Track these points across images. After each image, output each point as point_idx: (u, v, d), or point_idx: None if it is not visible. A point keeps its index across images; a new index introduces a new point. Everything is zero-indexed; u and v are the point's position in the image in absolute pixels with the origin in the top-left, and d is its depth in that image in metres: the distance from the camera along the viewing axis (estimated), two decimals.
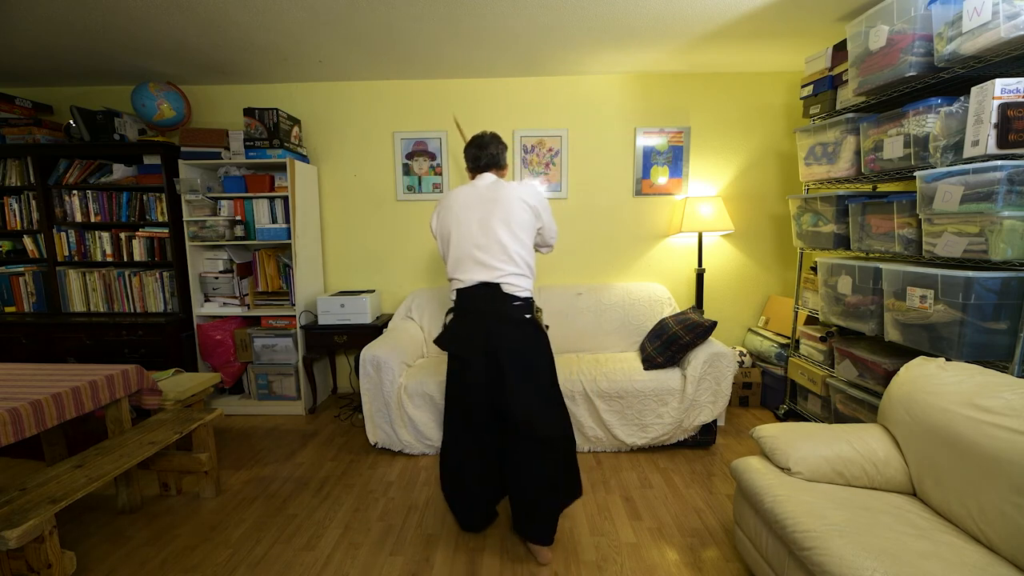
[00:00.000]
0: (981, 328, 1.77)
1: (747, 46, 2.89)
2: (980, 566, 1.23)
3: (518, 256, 1.85)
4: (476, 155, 1.97)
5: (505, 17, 2.46)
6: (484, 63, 3.13)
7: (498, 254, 1.83)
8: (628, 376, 2.65)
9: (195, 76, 3.28)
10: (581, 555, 1.89)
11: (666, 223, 3.53)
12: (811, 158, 2.72)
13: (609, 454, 2.69)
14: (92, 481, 1.67)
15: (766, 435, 1.75)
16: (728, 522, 2.08)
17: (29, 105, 3.31)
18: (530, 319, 1.88)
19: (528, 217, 1.89)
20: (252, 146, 3.11)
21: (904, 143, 2.05)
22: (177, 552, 1.94)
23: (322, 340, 3.26)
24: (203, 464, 2.26)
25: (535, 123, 3.45)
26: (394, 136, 3.48)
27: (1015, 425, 1.31)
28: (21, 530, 1.39)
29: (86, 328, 3.15)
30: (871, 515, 1.42)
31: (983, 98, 1.70)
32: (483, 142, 1.96)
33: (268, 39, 2.70)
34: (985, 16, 1.70)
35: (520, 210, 1.87)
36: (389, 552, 1.93)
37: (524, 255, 1.87)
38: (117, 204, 3.27)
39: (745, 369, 3.26)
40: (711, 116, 3.42)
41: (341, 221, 3.61)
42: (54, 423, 1.81)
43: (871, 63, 2.19)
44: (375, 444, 2.71)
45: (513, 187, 1.90)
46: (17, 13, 2.34)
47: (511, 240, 1.84)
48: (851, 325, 2.38)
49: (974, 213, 1.74)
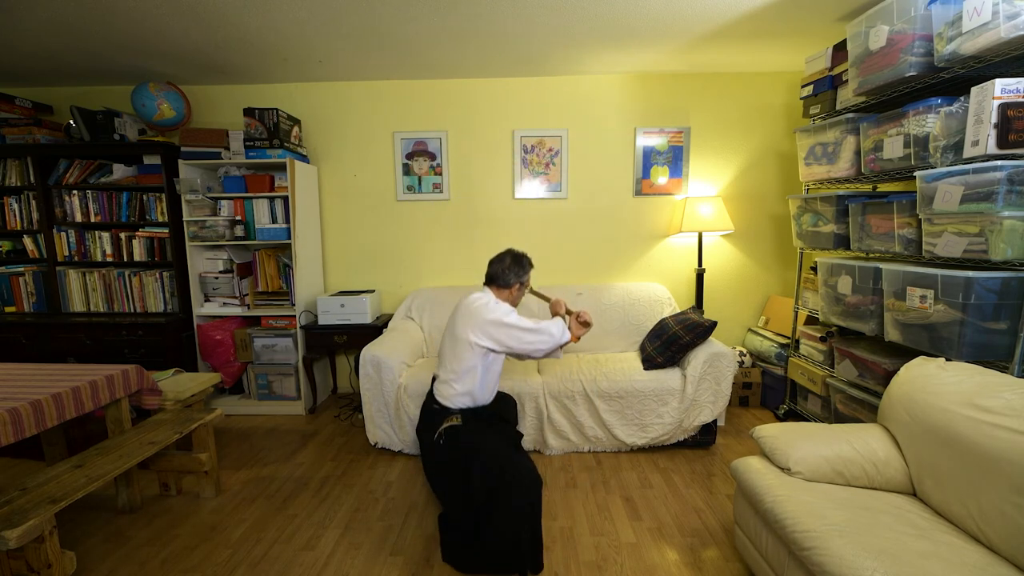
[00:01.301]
0: (981, 328, 1.77)
1: (747, 46, 2.89)
2: (980, 566, 1.23)
3: (452, 367, 2.01)
4: (488, 269, 2.15)
5: (505, 17, 2.46)
6: (484, 63, 3.13)
7: (439, 359, 2.10)
8: (628, 376, 2.65)
9: (195, 76, 3.28)
10: (581, 555, 1.89)
11: (666, 223, 3.53)
12: (811, 158, 2.72)
13: (609, 454, 2.69)
14: (92, 481, 1.66)
15: (766, 435, 1.75)
16: (728, 522, 2.08)
17: (29, 105, 3.31)
18: (436, 424, 1.96)
19: (464, 339, 1.97)
20: (252, 146, 3.11)
21: (904, 143, 2.05)
22: (177, 552, 1.94)
23: (322, 340, 3.26)
24: (203, 464, 2.26)
25: (535, 123, 3.45)
26: (394, 136, 3.48)
27: (1015, 425, 1.31)
28: (21, 530, 1.39)
29: (86, 328, 3.15)
30: (871, 515, 1.42)
31: (983, 98, 1.70)
32: (497, 258, 2.13)
33: (268, 39, 2.69)
34: (985, 16, 1.70)
35: (463, 328, 1.99)
36: (389, 552, 1.93)
37: (454, 365, 2.01)
38: (117, 204, 3.27)
39: (745, 369, 3.26)
40: (711, 116, 3.42)
41: (341, 221, 3.61)
42: (54, 423, 1.81)
43: (871, 63, 2.18)
44: (375, 444, 2.71)
45: (473, 300, 2.04)
46: (17, 13, 2.34)
47: (450, 352, 2.03)
48: (851, 325, 2.38)
49: (974, 213, 1.74)
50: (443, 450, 1.92)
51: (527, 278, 2.18)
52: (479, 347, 1.98)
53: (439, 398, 2.02)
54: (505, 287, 2.11)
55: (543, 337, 2.04)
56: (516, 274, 2.12)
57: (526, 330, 2.01)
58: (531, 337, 2.02)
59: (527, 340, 2.02)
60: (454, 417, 1.96)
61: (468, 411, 2.01)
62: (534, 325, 2.04)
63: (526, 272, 2.16)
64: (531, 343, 2.03)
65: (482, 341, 1.98)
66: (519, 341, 2.01)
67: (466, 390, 2.00)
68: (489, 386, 2.09)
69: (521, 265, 2.14)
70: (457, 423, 1.94)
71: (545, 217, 3.54)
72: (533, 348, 2.04)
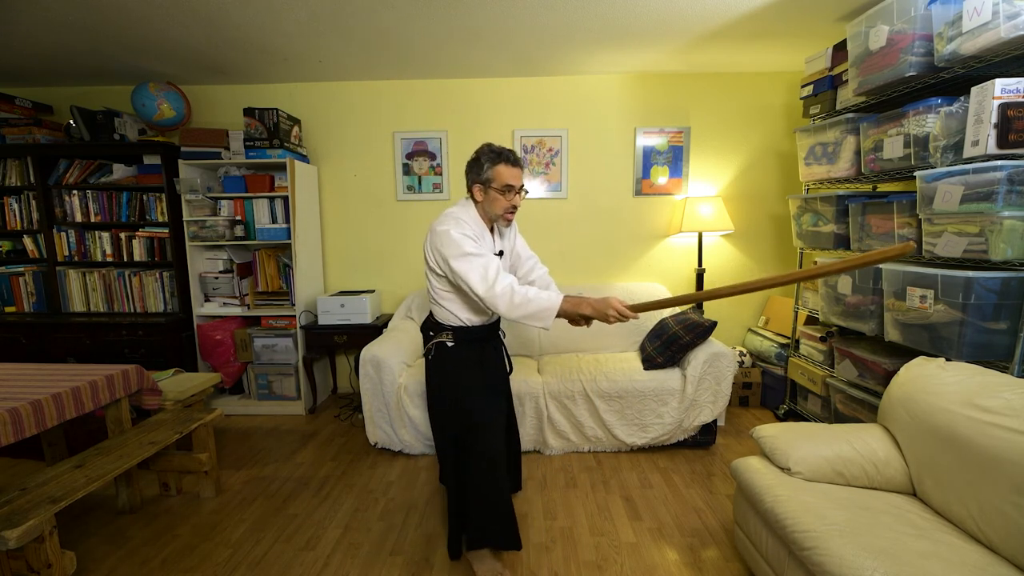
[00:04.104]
0: (981, 328, 1.76)
1: (747, 46, 2.89)
2: (980, 566, 1.23)
3: (433, 287, 1.80)
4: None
5: (505, 17, 2.46)
6: (484, 63, 3.13)
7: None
8: (628, 376, 2.65)
9: (195, 76, 3.28)
10: (581, 555, 1.89)
11: (666, 223, 3.53)
12: (811, 158, 2.72)
13: (609, 454, 2.69)
14: (92, 481, 1.67)
15: (766, 435, 1.75)
16: (728, 522, 2.07)
17: (29, 105, 3.31)
18: (430, 337, 1.84)
19: (426, 260, 1.77)
20: (252, 146, 3.11)
21: (904, 143, 2.05)
22: (177, 552, 1.94)
23: (322, 340, 3.26)
24: (203, 464, 2.26)
25: (535, 123, 3.45)
26: (394, 136, 3.48)
27: (1015, 425, 1.31)
28: (21, 530, 1.39)
29: (86, 328, 3.15)
30: (871, 515, 1.42)
31: (983, 98, 1.70)
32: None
33: (268, 39, 2.69)
34: (985, 16, 1.70)
35: (424, 247, 1.78)
36: (389, 552, 1.93)
37: (434, 288, 1.79)
38: (117, 204, 3.27)
39: (745, 369, 3.26)
40: (711, 116, 3.42)
41: (341, 221, 3.61)
42: (54, 423, 1.81)
43: (871, 63, 2.18)
44: (375, 444, 2.71)
45: (439, 215, 1.78)
46: (17, 13, 2.34)
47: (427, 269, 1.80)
48: (851, 325, 2.38)
49: (974, 213, 1.74)
50: (429, 371, 1.83)
51: (489, 176, 1.69)
52: (435, 271, 1.74)
53: (433, 314, 1.86)
54: (472, 185, 1.75)
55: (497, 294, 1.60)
56: (472, 173, 1.73)
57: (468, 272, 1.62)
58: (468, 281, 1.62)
59: (468, 276, 1.62)
60: (445, 334, 1.79)
61: (461, 330, 1.80)
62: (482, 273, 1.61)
63: (484, 169, 1.69)
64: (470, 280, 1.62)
65: (436, 267, 1.72)
66: (460, 270, 1.63)
67: (453, 310, 1.78)
68: (473, 306, 1.79)
69: (476, 162, 1.71)
70: (447, 341, 1.78)
71: (545, 217, 3.54)
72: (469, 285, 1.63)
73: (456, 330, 1.79)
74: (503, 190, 1.71)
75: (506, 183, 1.70)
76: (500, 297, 1.60)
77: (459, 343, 1.79)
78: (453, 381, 1.80)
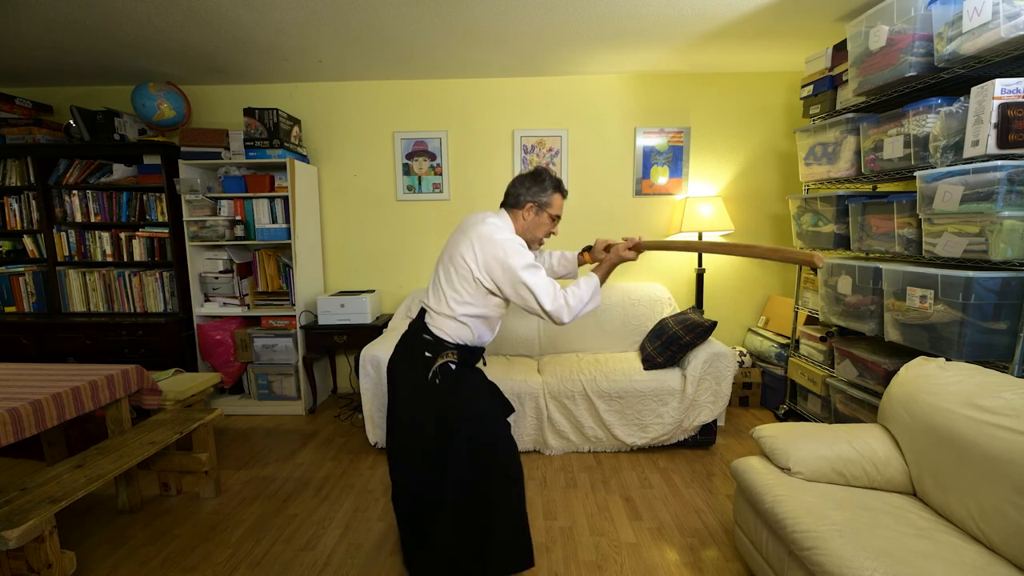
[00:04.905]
0: (981, 328, 1.76)
1: (747, 46, 2.89)
2: (980, 566, 1.23)
3: (451, 299, 1.62)
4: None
5: (505, 17, 2.46)
6: (484, 63, 3.13)
7: (432, 286, 1.69)
8: (628, 376, 2.65)
9: (195, 76, 3.28)
10: (581, 555, 1.89)
11: (666, 223, 3.53)
12: (811, 158, 2.72)
13: (609, 454, 2.69)
14: (92, 481, 1.67)
15: (766, 435, 1.75)
16: (728, 522, 2.07)
17: (29, 105, 3.31)
18: (429, 359, 1.61)
19: (465, 267, 1.58)
20: (252, 146, 3.11)
21: (904, 143, 2.05)
22: (177, 552, 1.94)
23: (322, 340, 3.26)
24: (203, 464, 2.26)
25: (535, 123, 3.45)
26: (394, 136, 3.48)
27: (1015, 425, 1.31)
28: (21, 530, 1.39)
29: (86, 328, 3.15)
30: (871, 515, 1.42)
31: (983, 98, 1.70)
32: (515, 179, 1.74)
33: (268, 39, 2.69)
34: (985, 16, 1.70)
35: (462, 253, 1.58)
36: (389, 552, 1.93)
37: (454, 300, 1.62)
38: (117, 204, 3.27)
39: (745, 369, 3.26)
40: (711, 116, 3.42)
41: (341, 221, 3.61)
42: (54, 423, 1.81)
43: (871, 63, 2.18)
44: (375, 444, 2.71)
45: (480, 221, 1.63)
46: (18, 13, 2.34)
47: (445, 281, 1.63)
48: (851, 325, 2.38)
49: (974, 213, 1.74)
50: (434, 399, 1.59)
51: (547, 200, 1.68)
52: (480, 284, 1.59)
53: (432, 328, 1.65)
54: (516, 207, 1.69)
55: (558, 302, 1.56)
56: (530, 191, 1.67)
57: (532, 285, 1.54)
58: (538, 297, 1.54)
59: (533, 296, 1.55)
60: (450, 352, 1.62)
61: (464, 348, 1.67)
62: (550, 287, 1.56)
63: (545, 192, 1.67)
64: (535, 299, 1.54)
65: (484, 279, 1.58)
66: (524, 292, 1.55)
67: (470, 325, 1.64)
68: (492, 326, 1.73)
69: (539, 181, 1.67)
70: (453, 360, 1.62)
71: None
72: (533, 303, 1.56)
73: (460, 348, 1.66)
74: (554, 218, 1.76)
75: (558, 212, 1.76)
76: (564, 309, 1.58)
77: (462, 363, 1.66)
78: (470, 412, 1.60)
